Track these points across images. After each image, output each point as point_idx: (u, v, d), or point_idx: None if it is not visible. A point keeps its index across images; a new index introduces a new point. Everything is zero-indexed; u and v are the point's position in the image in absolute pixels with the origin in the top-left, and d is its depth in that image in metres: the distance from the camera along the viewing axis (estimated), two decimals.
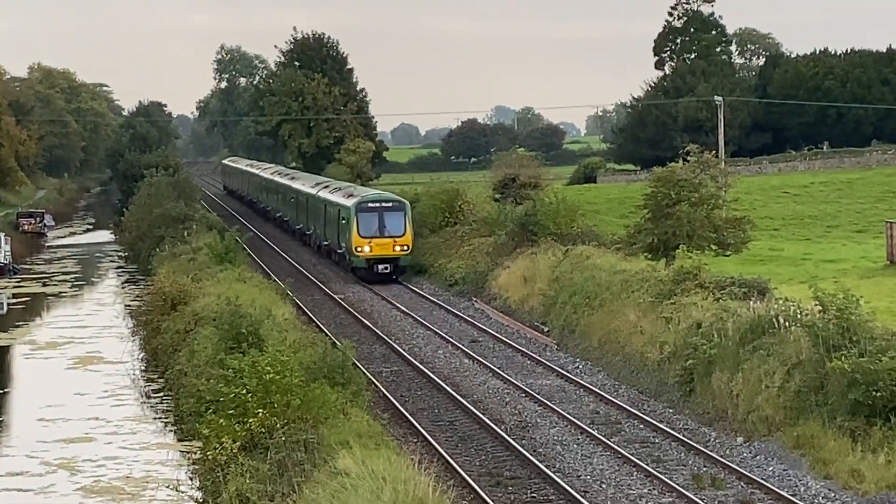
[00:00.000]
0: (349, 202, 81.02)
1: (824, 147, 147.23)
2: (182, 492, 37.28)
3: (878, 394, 35.31)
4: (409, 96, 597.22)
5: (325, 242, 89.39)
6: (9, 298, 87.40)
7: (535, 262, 66.82)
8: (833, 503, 32.68)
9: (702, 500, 33.08)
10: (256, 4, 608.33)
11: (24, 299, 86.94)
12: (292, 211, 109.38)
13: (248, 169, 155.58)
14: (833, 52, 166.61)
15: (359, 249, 77.70)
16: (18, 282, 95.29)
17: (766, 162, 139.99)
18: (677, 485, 34.49)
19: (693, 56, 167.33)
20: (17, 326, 75.07)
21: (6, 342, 69.26)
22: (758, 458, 37.27)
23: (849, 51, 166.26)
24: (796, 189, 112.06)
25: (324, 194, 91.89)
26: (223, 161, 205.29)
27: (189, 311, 59.88)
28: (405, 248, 78.23)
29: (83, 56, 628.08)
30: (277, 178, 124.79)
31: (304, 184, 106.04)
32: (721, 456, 37.54)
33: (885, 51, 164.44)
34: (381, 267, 77.38)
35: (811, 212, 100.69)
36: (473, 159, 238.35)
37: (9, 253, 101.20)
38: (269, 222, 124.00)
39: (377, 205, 79.70)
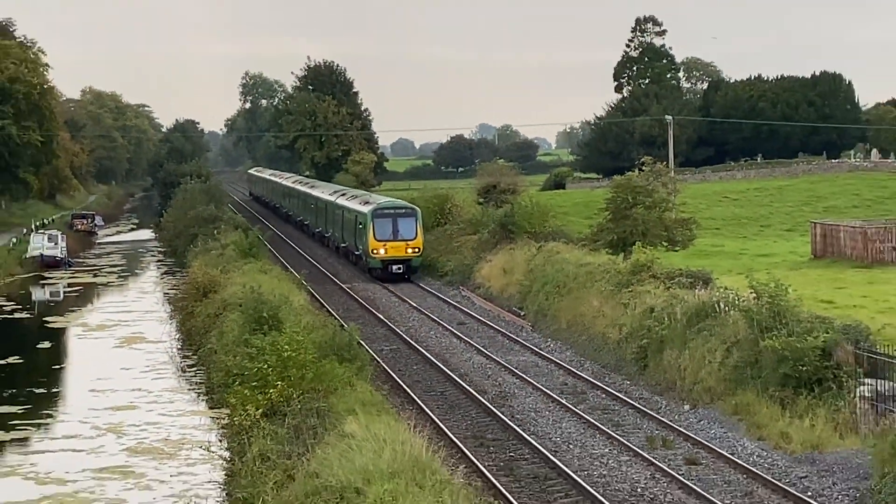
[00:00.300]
0: (366, 209, 77.14)
1: (758, 159, 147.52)
2: (213, 452, 37.33)
3: (804, 368, 35.41)
4: (406, 115, 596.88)
5: (343, 244, 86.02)
6: (65, 287, 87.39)
7: (513, 256, 66.85)
8: (765, 461, 32.73)
9: (654, 458, 33.12)
10: (276, 36, 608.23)
11: (77, 288, 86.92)
12: (312, 216, 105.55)
13: (271, 178, 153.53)
14: (766, 78, 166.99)
15: (375, 252, 74.11)
16: (73, 273, 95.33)
17: (710, 171, 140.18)
18: (634, 445, 34.54)
19: (647, 81, 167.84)
20: (72, 311, 75.00)
21: (63, 324, 69.21)
22: (702, 422, 37.33)
23: (779, 77, 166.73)
24: (735, 194, 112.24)
25: (341, 201, 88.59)
26: (249, 171, 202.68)
27: (218, 298, 59.83)
28: (416, 250, 74.67)
29: (128, 80, 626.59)
30: (298, 186, 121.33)
31: (322, 191, 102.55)
32: (671, 421, 37.60)
33: (809, 77, 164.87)
34: (394, 267, 73.73)
35: (747, 214, 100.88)
36: (461, 169, 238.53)
37: (65, 248, 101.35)
38: (289, 224, 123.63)
39: (391, 211, 75.86)
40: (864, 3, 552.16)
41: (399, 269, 73.90)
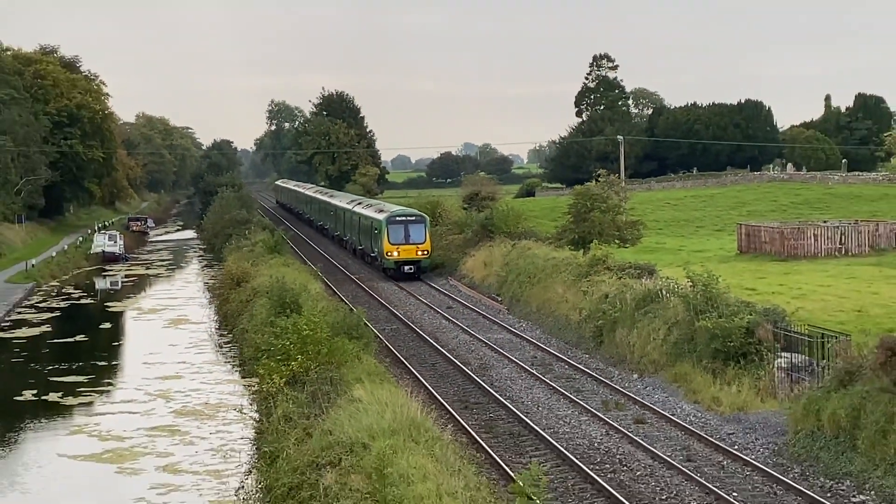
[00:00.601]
0: (381, 216, 72.75)
1: (694, 171, 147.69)
2: (245, 413, 37.41)
3: (731, 344, 35.49)
4: (403, 135, 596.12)
5: (360, 247, 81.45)
6: (122, 278, 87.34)
7: (492, 251, 66.85)
8: (700, 420, 32.77)
9: (608, 418, 33.15)
10: (296, 72, 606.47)
11: (133, 278, 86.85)
12: (331, 221, 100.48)
13: (295, 188, 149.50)
14: (700, 105, 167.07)
15: (389, 254, 69.83)
16: (129, 266, 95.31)
17: (654, 182, 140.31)
18: (592, 408, 34.56)
19: (602, 108, 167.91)
20: (128, 297, 75.03)
21: (120, 308, 69.19)
22: (648, 389, 37.36)
23: (711, 104, 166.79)
24: (674, 201, 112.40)
25: (358, 209, 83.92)
26: (276, 182, 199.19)
27: (249, 287, 59.81)
28: (425, 252, 70.28)
29: (175, 107, 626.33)
30: (318, 196, 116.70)
31: (340, 200, 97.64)
32: (622, 388, 37.62)
33: (735, 104, 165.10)
34: (406, 268, 69.56)
35: (685, 216, 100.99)
36: (449, 180, 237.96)
37: (122, 246, 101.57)
38: (308, 227, 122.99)
39: (403, 218, 71.03)
40: (783, 44, 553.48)
41: (410, 269, 69.80)
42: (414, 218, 71.74)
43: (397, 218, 71.39)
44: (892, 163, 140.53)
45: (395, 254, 70.08)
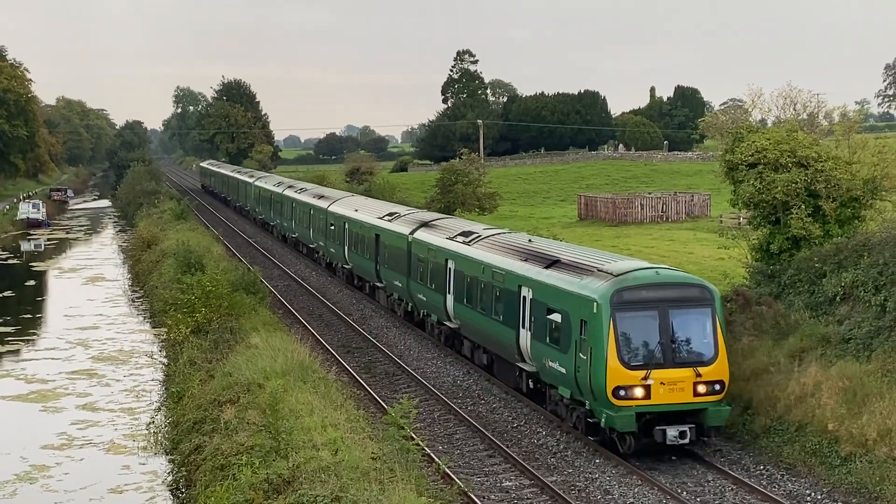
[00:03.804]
0: (594, 287, 22.70)
1: (542, 150, 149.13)
2: (155, 358, 36.88)
3: None
4: (294, 117, 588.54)
5: (464, 334, 32.48)
6: (45, 241, 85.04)
7: None
8: None
9: (467, 361, 33.41)
10: (200, 61, 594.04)
11: (54, 242, 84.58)
12: (319, 235, 54.73)
13: (237, 175, 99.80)
14: (547, 94, 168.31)
15: (620, 393, 21.81)
16: (51, 231, 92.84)
17: (508, 159, 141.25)
18: (455, 352, 34.82)
19: (465, 96, 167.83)
20: (51, 258, 73.12)
21: (43, 268, 67.37)
22: None
23: (556, 93, 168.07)
24: (525, 175, 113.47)
25: (456, 248, 32.75)
26: (202, 164, 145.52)
27: (158, 249, 58.77)
28: (718, 387, 22.23)
29: (92, 90, 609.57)
30: (294, 195, 63.98)
31: (376, 217, 44.16)
32: None
33: (577, 93, 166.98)
34: (671, 434, 21.92)
35: (534, 189, 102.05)
36: (334, 157, 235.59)
37: (45, 213, 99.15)
38: (218, 199, 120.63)
39: (656, 294, 22.36)
40: (615, 43, 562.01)
41: (682, 435, 22.09)
42: (681, 295, 22.97)
43: (643, 292, 22.68)
44: (704, 144, 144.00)
45: (639, 393, 22.21)
